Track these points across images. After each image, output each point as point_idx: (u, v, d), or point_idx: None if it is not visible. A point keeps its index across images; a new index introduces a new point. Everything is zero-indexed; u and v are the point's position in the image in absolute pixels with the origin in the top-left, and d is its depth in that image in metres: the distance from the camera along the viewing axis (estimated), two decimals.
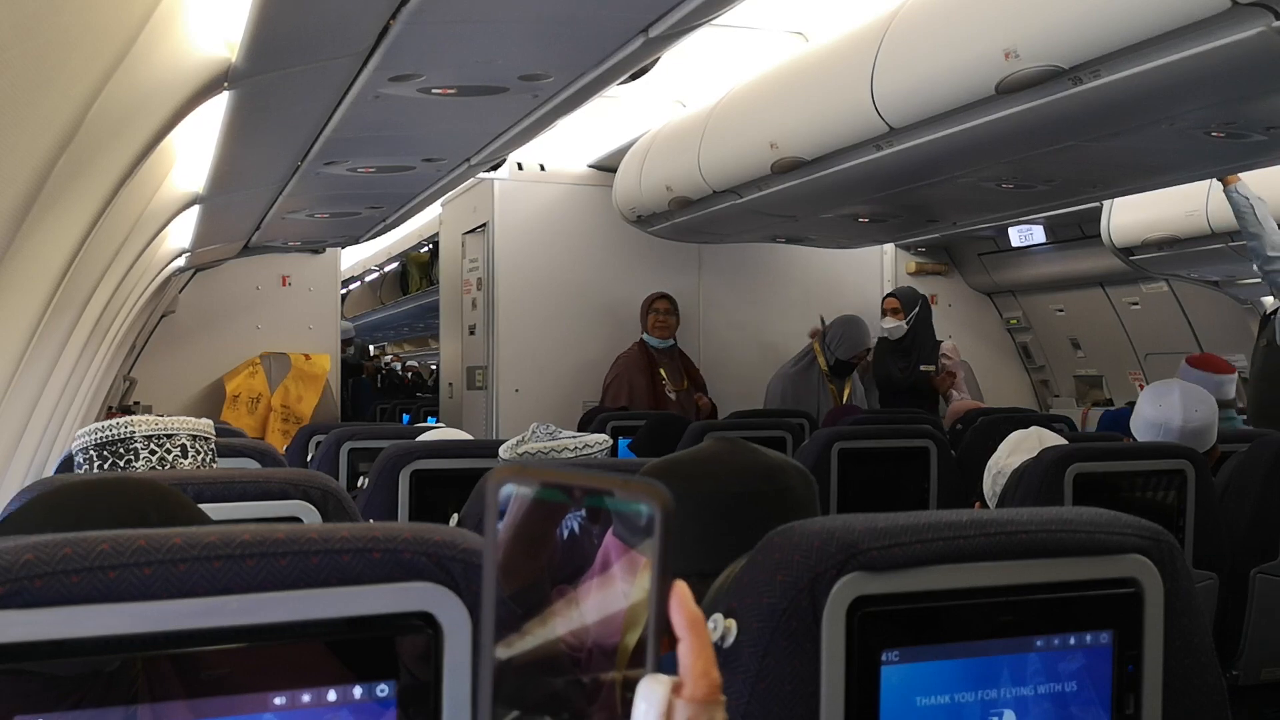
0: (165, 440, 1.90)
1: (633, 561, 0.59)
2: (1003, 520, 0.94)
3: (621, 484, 0.58)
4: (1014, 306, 7.18)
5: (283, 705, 0.75)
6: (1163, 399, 3.12)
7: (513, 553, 0.59)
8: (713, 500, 1.29)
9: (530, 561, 0.60)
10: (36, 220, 1.83)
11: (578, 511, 0.60)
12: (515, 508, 0.60)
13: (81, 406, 4.51)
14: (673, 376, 6.01)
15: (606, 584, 0.60)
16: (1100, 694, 0.96)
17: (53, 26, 1.49)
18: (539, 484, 0.60)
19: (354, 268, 11.49)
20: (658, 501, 0.58)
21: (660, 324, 6.03)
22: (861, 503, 3.24)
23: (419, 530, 0.82)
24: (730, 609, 0.89)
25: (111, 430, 1.89)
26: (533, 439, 2.17)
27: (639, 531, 0.58)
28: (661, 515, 0.58)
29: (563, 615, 0.60)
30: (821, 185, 4.27)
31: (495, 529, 0.59)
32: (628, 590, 0.59)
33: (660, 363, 6.01)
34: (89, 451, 1.90)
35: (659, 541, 0.58)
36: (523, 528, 0.60)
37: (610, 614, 0.59)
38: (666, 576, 0.58)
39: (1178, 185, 4.52)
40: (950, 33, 3.14)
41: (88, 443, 1.90)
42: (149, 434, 1.89)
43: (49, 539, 0.74)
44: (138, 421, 1.91)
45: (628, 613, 0.59)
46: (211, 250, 5.95)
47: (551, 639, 0.60)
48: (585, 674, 0.59)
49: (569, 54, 2.89)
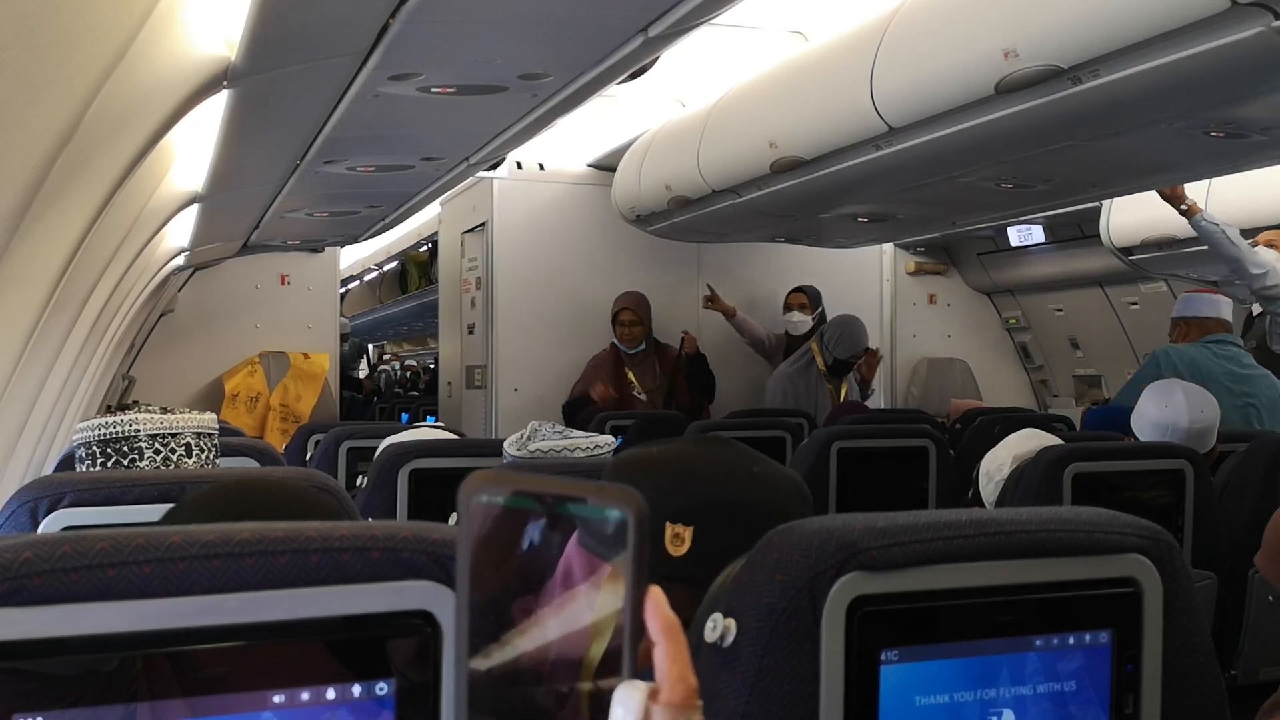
0: (170, 439, 1.88)
1: (598, 570, 0.58)
2: (1002, 520, 0.95)
3: (595, 490, 0.58)
4: (1013, 306, 7.19)
5: (281, 704, 0.75)
6: (1168, 400, 3.12)
7: (483, 562, 0.59)
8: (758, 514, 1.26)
9: (498, 572, 0.59)
10: (35, 219, 1.83)
11: (540, 521, 0.59)
12: (485, 516, 0.59)
13: (80, 405, 4.51)
14: (643, 378, 6.00)
15: (570, 596, 0.59)
16: (1099, 694, 0.96)
17: (52, 25, 1.49)
18: (510, 492, 0.59)
19: (353, 267, 11.48)
20: (632, 507, 0.57)
21: (626, 335, 6.04)
22: (860, 502, 3.24)
23: (418, 529, 0.82)
24: (730, 608, 0.89)
25: (115, 427, 1.87)
26: (541, 437, 2.16)
27: (607, 539, 0.58)
28: (635, 520, 0.57)
29: (529, 628, 0.59)
30: (821, 185, 4.27)
31: (469, 538, 0.59)
32: (593, 600, 0.58)
33: (630, 365, 6.02)
34: (91, 447, 1.88)
35: (634, 546, 0.57)
36: (493, 537, 0.59)
37: (575, 626, 0.59)
38: (642, 581, 0.58)
39: (1177, 185, 4.53)
40: (950, 32, 3.15)
41: (90, 438, 1.88)
42: (154, 433, 1.87)
43: (48, 537, 0.74)
44: (142, 419, 1.88)
45: (593, 623, 0.59)
46: (210, 249, 5.95)
47: (524, 650, 0.59)
48: (557, 685, 0.59)
49: (568, 53, 2.89)
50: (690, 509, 1.26)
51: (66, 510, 1.44)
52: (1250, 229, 4.58)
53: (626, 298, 6.10)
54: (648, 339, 6.09)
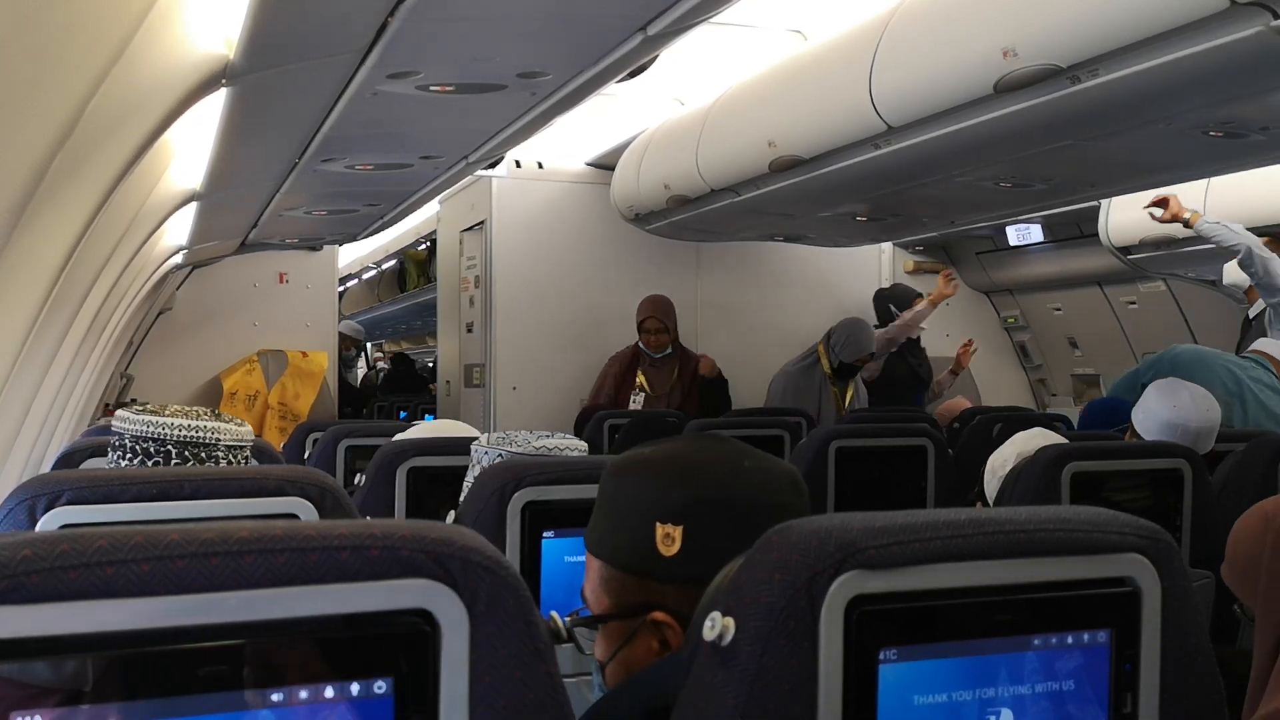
0: (238, 451, 1.93)
1: None
2: (1001, 519, 0.95)
3: None
4: (1012, 305, 7.19)
5: (280, 702, 0.75)
6: (1175, 399, 3.12)
7: None
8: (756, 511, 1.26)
9: None
10: (34, 216, 1.83)
11: None
12: None
13: (78, 403, 4.51)
14: (656, 383, 5.94)
15: None
16: (1098, 693, 0.96)
17: (50, 23, 1.49)
18: None
19: (351, 265, 11.48)
20: None
21: (652, 343, 5.95)
22: (859, 501, 3.25)
23: (417, 527, 0.82)
24: (728, 607, 0.89)
25: (199, 433, 1.87)
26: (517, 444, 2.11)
27: None
28: None
29: None
30: (820, 184, 4.27)
31: None
32: None
33: (645, 367, 5.97)
34: (166, 446, 1.87)
35: None
36: None
37: None
38: None
39: (1176, 185, 4.53)
40: (949, 31, 3.15)
41: (165, 435, 1.86)
42: (231, 444, 1.91)
43: (46, 535, 0.74)
44: (223, 429, 1.90)
45: None
46: (209, 247, 5.95)
47: None
48: None
49: (567, 51, 2.88)
50: (678, 509, 1.26)
51: (64, 508, 1.43)
52: (1250, 229, 4.59)
53: (650, 304, 5.96)
54: (674, 344, 5.98)
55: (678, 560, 1.25)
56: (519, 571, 0.85)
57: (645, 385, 5.91)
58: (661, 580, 1.26)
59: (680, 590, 1.25)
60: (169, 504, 1.46)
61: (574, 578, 1.86)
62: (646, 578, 1.27)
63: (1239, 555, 1.90)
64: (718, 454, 1.31)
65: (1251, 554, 1.89)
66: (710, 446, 1.33)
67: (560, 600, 1.84)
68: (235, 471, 1.63)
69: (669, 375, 5.97)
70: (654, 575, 1.27)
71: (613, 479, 1.33)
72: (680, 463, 1.30)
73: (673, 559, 1.26)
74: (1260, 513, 1.92)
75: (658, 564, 1.26)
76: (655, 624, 1.26)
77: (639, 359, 5.98)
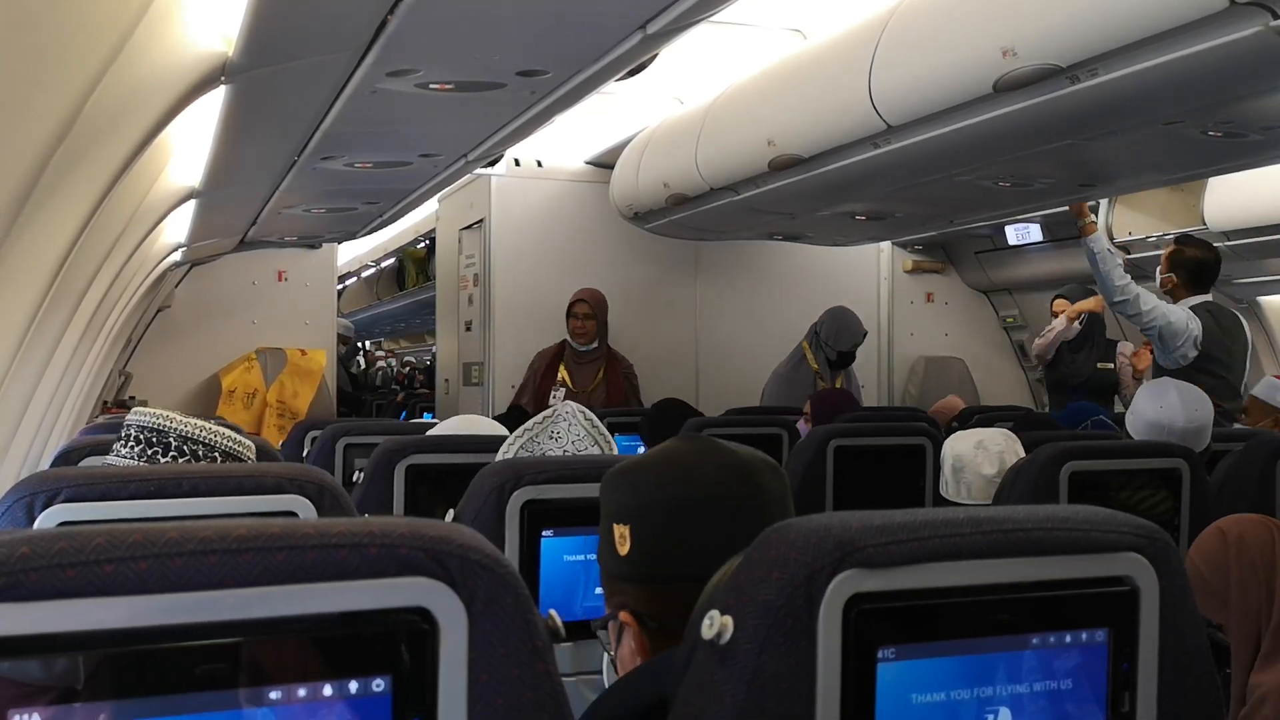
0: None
1: None
2: (999, 518, 0.95)
3: None
4: (1010, 305, 7.19)
5: (278, 700, 0.75)
6: (1163, 399, 3.12)
7: None
8: (691, 503, 1.29)
9: None
10: (32, 214, 1.83)
11: None
12: None
13: (77, 401, 4.50)
14: (580, 379, 5.86)
15: None
16: (1096, 692, 0.96)
17: (49, 21, 1.49)
18: None
19: (351, 263, 11.48)
20: None
21: (579, 329, 5.87)
22: (857, 500, 3.25)
23: (415, 525, 0.82)
24: (726, 606, 0.89)
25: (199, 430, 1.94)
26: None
27: None
28: None
29: None
30: (819, 183, 4.27)
31: None
32: None
33: (570, 363, 5.91)
34: (167, 439, 1.91)
35: None
36: None
37: None
38: None
39: (1175, 184, 4.54)
40: (948, 31, 3.15)
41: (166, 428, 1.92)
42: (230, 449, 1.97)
43: (43, 533, 0.74)
44: (223, 432, 1.97)
45: None
46: (208, 245, 5.95)
47: None
48: None
49: (567, 50, 2.88)
50: (628, 508, 1.32)
51: (62, 506, 1.43)
52: (1250, 229, 4.59)
53: (584, 291, 5.92)
54: (600, 340, 5.92)
55: (631, 559, 1.31)
56: (518, 570, 0.85)
57: (567, 381, 5.85)
58: (624, 579, 1.32)
59: (638, 589, 1.31)
60: (167, 501, 1.46)
61: (573, 576, 1.86)
62: (614, 578, 1.34)
63: (1203, 575, 1.93)
64: (680, 453, 1.34)
65: (1215, 570, 1.93)
66: (680, 447, 1.35)
67: (559, 599, 1.84)
68: (233, 469, 1.63)
69: (593, 374, 5.89)
70: (618, 575, 1.33)
71: (611, 480, 1.38)
72: (639, 465, 1.36)
73: (626, 558, 1.31)
74: (1215, 531, 1.97)
75: (618, 564, 1.32)
76: (624, 624, 1.30)
77: (564, 355, 5.94)
